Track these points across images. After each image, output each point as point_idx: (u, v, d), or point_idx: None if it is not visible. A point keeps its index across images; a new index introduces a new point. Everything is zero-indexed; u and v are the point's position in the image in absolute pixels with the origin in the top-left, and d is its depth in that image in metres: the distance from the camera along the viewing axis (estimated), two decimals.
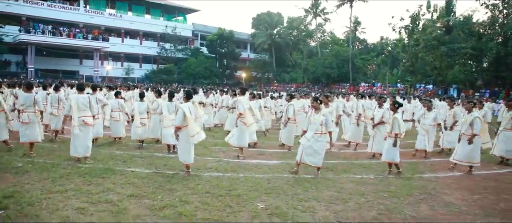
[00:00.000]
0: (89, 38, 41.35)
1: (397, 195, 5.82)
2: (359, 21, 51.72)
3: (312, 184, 6.38)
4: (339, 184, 6.38)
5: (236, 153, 8.75)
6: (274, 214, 4.83)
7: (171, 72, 47.55)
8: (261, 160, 8.37)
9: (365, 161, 8.61)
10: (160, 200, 5.26)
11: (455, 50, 34.47)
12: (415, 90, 39.58)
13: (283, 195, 5.67)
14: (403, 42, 40.68)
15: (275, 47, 51.68)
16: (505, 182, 7.09)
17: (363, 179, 6.83)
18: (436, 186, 6.50)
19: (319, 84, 46.60)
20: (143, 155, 8.48)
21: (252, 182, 6.35)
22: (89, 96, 7.71)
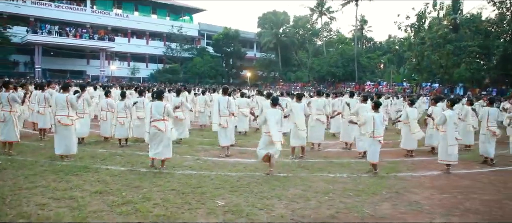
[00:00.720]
0: (95, 39, 41.89)
1: (363, 194, 5.78)
2: (366, 20, 51.31)
3: (282, 182, 6.38)
4: (309, 183, 6.37)
5: (218, 151, 8.84)
6: (230, 212, 4.85)
7: (177, 72, 47.86)
8: (239, 159, 8.40)
9: (346, 160, 8.57)
10: (123, 197, 5.32)
11: (461, 48, 33.99)
12: (421, 89, 39.07)
13: (247, 193, 5.68)
14: (409, 41, 40.13)
15: (281, 46, 51.61)
16: (480, 181, 6.98)
17: (335, 178, 6.80)
18: (407, 185, 6.44)
19: (324, 83, 46.34)
20: (124, 154, 8.61)
21: (221, 180, 6.38)
22: (67, 96, 7.81)
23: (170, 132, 7.15)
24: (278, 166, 7.49)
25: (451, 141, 7.56)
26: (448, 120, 7.59)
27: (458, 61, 34.66)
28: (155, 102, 7.22)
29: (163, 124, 7.03)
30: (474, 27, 34.89)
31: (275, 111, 7.09)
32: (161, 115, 7.05)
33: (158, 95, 7.39)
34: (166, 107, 7.10)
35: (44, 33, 38.93)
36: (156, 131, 6.95)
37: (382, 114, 7.46)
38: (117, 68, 44.69)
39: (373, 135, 7.13)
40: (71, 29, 41.10)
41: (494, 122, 8.78)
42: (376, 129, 7.12)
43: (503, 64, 33.15)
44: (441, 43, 35.42)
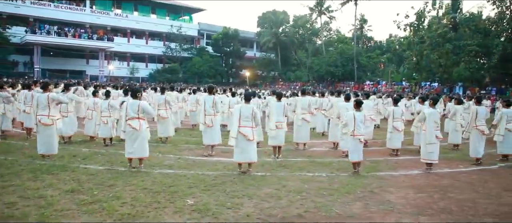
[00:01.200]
0: (94, 39, 41.97)
1: (337, 193, 5.73)
2: (366, 19, 51.19)
3: (257, 181, 6.34)
4: (285, 182, 6.33)
5: (202, 151, 8.84)
6: (197, 211, 4.81)
7: (176, 72, 47.90)
8: (222, 158, 8.36)
9: (329, 159, 8.51)
10: (93, 196, 5.30)
11: (460, 47, 33.80)
12: (420, 88, 38.90)
13: (220, 192, 5.65)
14: (408, 40, 39.94)
15: (281, 46, 51.59)
16: (461, 180, 6.90)
17: (312, 177, 6.75)
18: (384, 184, 6.37)
19: (324, 82, 46.25)
20: (107, 153, 8.59)
21: (197, 179, 6.35)
22: (48, 95, 7.79)
23: (145, 130, 7.10)
24: (259, 165, 7.45)
25: (431, 139, 7.50)
26: (428, 117, 7.54)
27: (457, 61, 34.45)
28: (130, 100, 7.17)
29: (137, 122, 6.96)
30: (473, 26, 34.70)
31: (246, 106, 7.04)
32: (136, 113, 6.98)
33: (132, 94, 7.30)
34: (140, 106, 7.01)
35: (43, 33, 39.06)
36: (131, 129, 6.92)
37: (364, 113, 7.37)
38: (115, 68, 44.75)
39: (353, 133, 7.07)
40: (70, 29, 41.18)
41: (483, 121, 8.69)
42: (357, 128, 7.07)
43: (502, 64, 32.93)
44: (440, 42, 35.23)
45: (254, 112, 7.00)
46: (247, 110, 6.97)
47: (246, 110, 6.96)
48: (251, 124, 6.97)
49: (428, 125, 7.54)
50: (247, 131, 6.87)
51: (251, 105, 7.14)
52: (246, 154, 6.86)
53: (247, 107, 7.03)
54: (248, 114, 6.93)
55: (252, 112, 6.97)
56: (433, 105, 7.89)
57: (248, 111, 6.96)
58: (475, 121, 8.63)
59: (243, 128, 6.87)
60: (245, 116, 6.91)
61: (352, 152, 7.13)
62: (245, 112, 6.94)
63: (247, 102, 7.19)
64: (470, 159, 8.58)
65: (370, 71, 47.44)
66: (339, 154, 9.12)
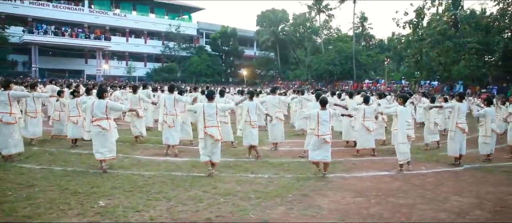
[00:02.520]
0: (91, 38, 42.01)
1: (265, 197, 5.37)
2: (366, 17, 50.34)
3: (188, 182, 6.04)
4: (218, 183, 6.00)
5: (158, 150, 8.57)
6: (101, 213, 4.52)
7: (173, 71, 47.79)
8: (174, 158, 8.04)
9: (287, 160, 8.15)
10: (5, 197, 5.04)
11: (461, 45, 33.03)
12: (420, 87, 38.17)
13: (142, 194, 5.35)
14: (408, 38, 39.16)
15: (280, 45, 51.19)
16: (412, 183, 6.49)
17: (253, 178, 6.40)
18: (325, 187, 6.00)
19: (322, 81, 45.73)
20: (72, 153, 8.29)
21: (127, 179, 6.08)
22: (8, 93, 7.48)
23: (114, 130, 6.94)
24: (202, 165, 7.13)
25: (401, 138, 7.17)
26: (399, 115, 7.17)
27: (458, 58, 33.64)
28: (97, 100, 6.82)
29: (106, 122, 6.67)
30: (474, 23, 33.90)
31: (208, 105, 6.69)
32: (104, 113, 6.67)
33: (98, 93, 6.96)
34: (108, 106, 6.73)
35: (40, 33, 39.19)
36: (100, 129, 6.61)
37: (328, 111, 6.95)
38: (111, 67, 44.65)
39: (317, 133, 6.69)
40: (67, 29, 41.28)
41: (463, 118, 8.23)
42: (321, 127, 6.68)
43: (504, 61, 32.14)
44: (440, 39, 34.51)
45: (220, 108, 6.85)
46: (210, 108, 6.64)
47: (210, 108, 6.63)
48: (217, 123, 6.66)
49: (399, 124, 7.19)
50: (213, 130, 6.55)
51: (214, 104, 6.78)
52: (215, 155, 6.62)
53: (211, 106, 6.69)
54: (212, 112, 6.62)
55: (216, 110, 6.68)
56: (403, 104, 7.46)
57: (212, 109, 6.64)
58: (457, 118, 8.20)
59: (209, 128, 6.55)
60: (210, 113, 6.60)
61: (313, 150, 6.75)
62: (209, 110, 6.62)
63: (210, 101, 6.79)
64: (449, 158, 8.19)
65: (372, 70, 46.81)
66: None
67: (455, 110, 8.31)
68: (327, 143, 6.69)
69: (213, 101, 6.86)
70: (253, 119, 8.39)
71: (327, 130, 6.75)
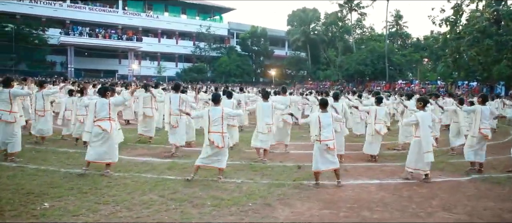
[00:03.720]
0: (124, 39, 43.35)
1: (222, 204, 4.96)
2: (401, 15, 48.13)
3: (151, 185, 5.73)
4: (187, 188, 5.68)
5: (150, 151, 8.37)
6: (37, 216, 4.34)
7: (203, 71, 48.23)
8: (156, 159, 7.81)
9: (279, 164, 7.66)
10: None
11: (503, 43, 30.59)
12: (457, 88, 35.87)
13: (95, 196, 5.13)
14: (445, 36, 36.86)
15: (310, 44, 50.25)
16: (400, 195, 5.79)
17: (224, 184, 5.97)
18: (295, 196, 5.47)
19: (353, 81, 44.30)
20: (60, 152, 8.27)
21: (93, 181, 5.89)
22: (10, 91, 7.43)
23: (117, 133, 6.55)
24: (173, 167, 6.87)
25: (426, 147, 6.46)
26: (421, 121, 6.49)
27: (499, 58, 31.19)
28: (99, 100, 6.49)
29: (108, 123, 6.33)
30: None
31: (214, 109, 6.17)
32: (107, 113, 6.33)
33: (101, 92, 6.66)
34: (111, 104, 6.40)
35: (75, 34, 40.98)
36: (100, 131, 6.26)
37: (330, 113, 6.31)
38: (139, 67, 45.59)
39: (319, 138, 6.06)
40: (101, 30, 42.87)
41: (486, 123, 7.57)
42: (323, 131, 6.06)
43: None
44: (479, 38, 32.16)
45: (226, 114, 6.27)
46: (217, 113, 6.12)
47: (216, 113, 6.12)
48: (222, 129, 6.10)
49: (422, 131, 6.49)
50: (216, 137, 6.04)
51: (220, 108, 6.21)
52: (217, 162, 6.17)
53: (216, 110, 6.16)
54: (217, 117, 6.09)
55: (222, 114, 6.12)
56: (423, 108, 6.73)
57: (217, 114, 6.11)
58: (479, 123, 7.47)
59: (212, 133, 6.05)
60: (214, 119, 6.08)
61: (315, 160, 6.07)
62: (214, 114, 6.10)
63: (216, 105, 6.25)
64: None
65: (408, 70, 44.68)
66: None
67: (477, 114, 7.50)
68: (330, 150, 6.03)
69: (219, 105, 6.30)
70: (267, 121, 7.79)
71: (330, 135, 6.08)
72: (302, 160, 7.76)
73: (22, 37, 38.38)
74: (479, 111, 7.56)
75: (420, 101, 6.90)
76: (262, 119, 7.79)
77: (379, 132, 8.19)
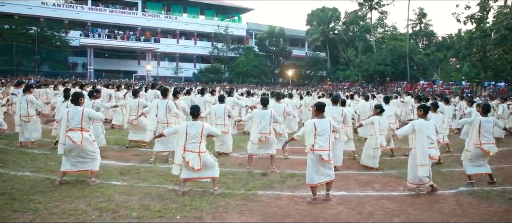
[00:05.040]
0: (141, 40, 43.93)
1: (147, 215, 4.50)
2: (425, 13, 46.14)
3: (89, 192, 5.34)
4: (126, 195, 5.28)
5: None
6: None
7: (219, 71, 48.09)
8: (114, 162, 7.45)
9: (244, 170, 7.14)
10: None
11: None
12: (483, 88, 33.81)
13: (20, 202, 4.86)
14: (470, 34, 34.86)
15: (330, 44, 49.10)
16: (362, 211, 5.12)
17: (168, 192, 5.52)
18: (235, 208, 4.93)
19: (373, 82, 42.86)
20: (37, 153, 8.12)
21: (36, 184, 5.64)
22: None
23: (91, 143, 5.87)
24: (123, 172, 6.44)
25: (420, 159, 5.76)
26: (418, 130, 5.82)
27: None
28: (72, 107, 5.88)
29: (79, 134, 5.69)
30: None
31: (192, 124, 5.49)
32: (78, 123, 5.71)
33: (73, 99, 5.96)
34: (84, 113, 5.78)
35: (95, 36, 41.89)
36: (71, 143, 5.64)
37: (328, 119, 5.56)
38: (153, 68, 45.84)
39: (312, 147, 5.33)
40: (120, 32, 43.63)
41: (488, 137, 6.64)
42: (318, 140, 5.32)
43: None
44: (507, 35, 30.15)
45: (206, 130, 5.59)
46: (195, 128, 5.42)
47: (193, 128, 5.42)
48: (198, 148, 5.41)
49: (418, 141, 5.81)
50: (191, 157, 5.40)
51: (200, 123, 5.52)
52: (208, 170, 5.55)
53: (195, 125, 5.45)
54: (195, 133, 5.39)
55: (202, 131, 5.42)
56: (424, 116, 5.98)
57: (195, 129, 5.40)
58: (479, 137, 6.55)
59: (188, 152, 5.39)
60: (192, 135, 5.40)
61: (309, 171, 5.37)
62: (192, 130, 5.41)
63: (194, 119, 5.56)
64: None
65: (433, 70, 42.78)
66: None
67: (474, 126, 6.62)
68: (324, 161, 5.32)
69: (198, 118, 5.58)
70: (264, 130, 7.04)
71: (325, 144, 5.30)
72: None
73: (44, 39, 39.66)
74: (477, 123, 6.65)
75: (420, 109, 6.11)
76: (257, 127, 7.04)
77: (382, 145, 7.53)
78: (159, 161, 7.55)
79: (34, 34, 39.13)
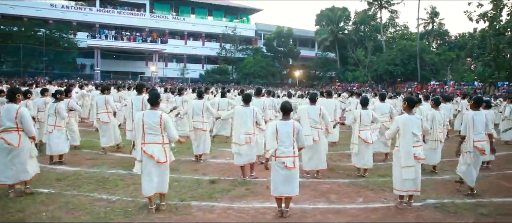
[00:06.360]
0: (148, 41, 44.00)
1: None
2: (437, 12, 44.64)
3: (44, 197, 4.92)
4: (55, 205, 4.79)
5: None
6: None
7: (226, 72, 47.72)
8: (65, 167, 7.05)
9: (189, 176, 6.64)
10: None
11: None
12: (496, 89, 32.33)
13: None
14: (483, 33, 33.42)
15: (339, 44, 48.12)
16: None
17: (94, 201, 5.05)
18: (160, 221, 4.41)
19: (382, 83, 41.70)
20: None
21: None
22: None
23: (29, 146, 5.35)
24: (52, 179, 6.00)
25: (405, 161, 5.22)
26: (402, 127, 5.29)
27: None
28: (8, 105, 5.33)
29: (16, 135, 5.20)
30: None
31: (149, 113, 4.88)
32: (13, 122, 5.19)
33: (9, 96, 5.47)
34: (19, 113, 5.22)
35: (101, 37, 42.19)
36: (5, 145, 5.14)
37: (292, 122, 4.85)
38: (156, 69, 45.64)
39: (274, 154, 4.75)
40: (126, 33, 43.82)
41: (482, 135, 6.04)
42: (280, 145, 4.73)
43: None
44: None
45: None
46: (152, 118, 4.80)
47: (151, 117, 4.81)
48: (161, 139, 4.80)
49: (402, 140, 5.26)
50: (153, 149, 4.79)
51: (158, 113, 4.83)
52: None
53: (153, 114, 4.83)
54: (153, 122, 4.78)
55: (161, 121, 4.76)
56: (408, 110, 5.39)
57: (153, 119, 4.79)
58: (472, 134, 5.96)
59: (148, 145, 4.76)
60: (149, 125, 4.78)
61: (273, 181, 4.79)
62: (149, 120, 4.79)
63: (154, 107, 4.89)
64: None
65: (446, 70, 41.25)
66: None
67: (469, 123, 5.98)
68: (288, 169, 4.68)
69: (158, 107, 4.90)
70: (246, 130, 6.40)
71: (288, 150, 4.70)
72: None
73: (52, 41, 40.12)
74: (471, 120, 5.98)
75: (405, 101, 5.51)
76: (240, 127, 6.43)
77: (366, 141, 6.90)
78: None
79: (42, 36, 39.67)
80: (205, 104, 7.92)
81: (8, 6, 39.88)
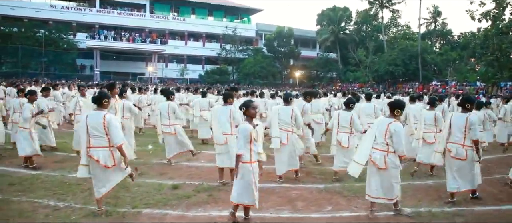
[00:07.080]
0: (147, 42, 43.83)
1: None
2: (440, 11, 43.99)
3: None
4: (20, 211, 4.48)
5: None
6: None
7: (226, 73, 47.40)
8: None
9: (153, 180, 6.29)
10: None
11: None
12: (499, 89, 31.68)
13: None
14: (485, 32, 32.77)
15: (340, 44, 47.64)
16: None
17: (58, 209, 4.73)
18: None
19: (383, 83, 41.16)
20: None
21: None
22: None
23: None
24: None
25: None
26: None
27: None
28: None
29: None
30: None
31: (93, 114, 4.68)
32: None
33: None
34: None
35: (101, 38, 42.10)
36: None
37: (247, 125, 4.39)
38: (154, 69, 45.42)
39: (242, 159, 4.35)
40: (126, 34, 43.68)
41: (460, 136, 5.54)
42: (254, 147, 4.41)
43: None
44: None
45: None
46: (95, 118, 4.54)
47: (94, 118, 4.53)
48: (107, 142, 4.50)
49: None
50: (98, 153, 4.55)
51: (102, 114, 4.53)
52: None
53: (96, 115, 4.57)
54: (96, 124, 4.50)
55: (105, 123, 4.44)
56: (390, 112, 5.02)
57: (96, 120, 4.52)
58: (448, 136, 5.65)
59: (93, 149, 4.49)
60: (93, 127, 4.53)
61: (234, 187, 4.44)
62: (93, 121, 4.55)
63: (100, 108, 4.64)
64: None
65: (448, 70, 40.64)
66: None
67: (446, 124, 5.77)
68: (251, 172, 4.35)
69: (104, 109, 4.59)
70: (225, 130, 6.06)
71: (246, 155, 4.33)
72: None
73: (52, 42, 40.06)
74: (448, 121, 5.69)
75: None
76: (218, 127, 6.09)
77: (341, 144, 6.55)
78: None
79: (42, 37, 39.63)
80: (171, 106, 7.56)
81: (8, 7, 39.94)
